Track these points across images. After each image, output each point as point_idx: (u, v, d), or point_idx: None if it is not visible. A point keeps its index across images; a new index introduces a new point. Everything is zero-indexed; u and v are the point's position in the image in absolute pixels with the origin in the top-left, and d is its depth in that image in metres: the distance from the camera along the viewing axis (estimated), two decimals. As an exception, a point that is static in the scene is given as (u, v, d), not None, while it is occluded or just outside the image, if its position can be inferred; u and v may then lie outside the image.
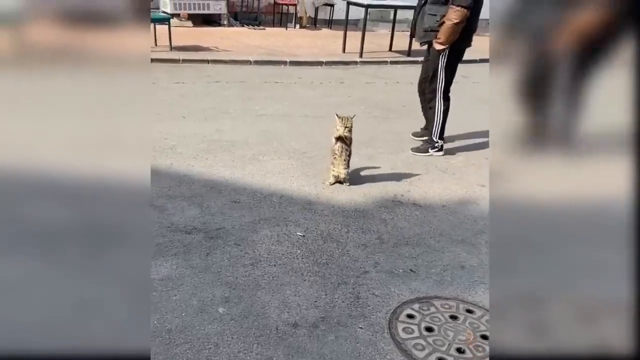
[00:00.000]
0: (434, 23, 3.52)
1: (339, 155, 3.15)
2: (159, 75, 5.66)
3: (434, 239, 2.68)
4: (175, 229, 2.56)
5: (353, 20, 8.69)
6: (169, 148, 3.61)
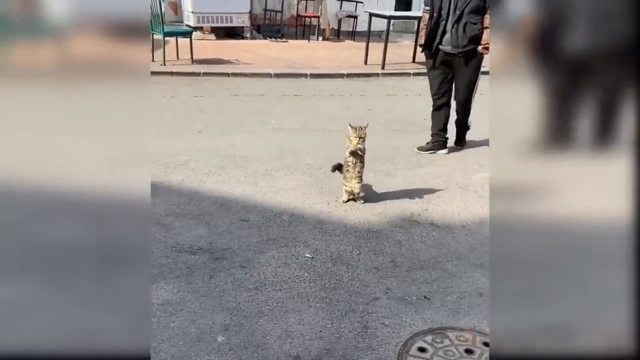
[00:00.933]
0: (476, 31, 3.66)
1: (352, 167, 3.04)
2: (178, 89, 5.68)
3: (451, 262, 2.52)
4: (181, 249, 2.49)
5: (377, 32, 8.60)
6: (182, 164, 3.56)
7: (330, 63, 7.57)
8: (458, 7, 3.65)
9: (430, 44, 3.86)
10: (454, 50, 3.77)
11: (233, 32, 9.09)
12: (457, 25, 3.69)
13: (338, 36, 9.92)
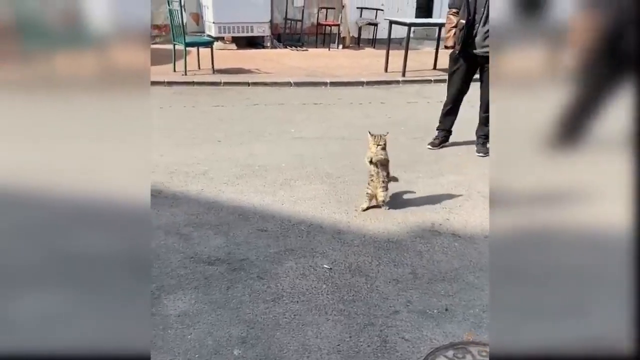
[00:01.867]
0: None
1: (376, 176, 3.04)
2: (199, 99, 5.74)
3: (474, 274, 2.45)
4: (199, 259, 2.48)
5: (397, 39, 8.56)
6: (202, 173, 3.58)
7: (351, 71, 7.55)
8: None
9: (464, 46, 3.84)
10: (483, 52, 3.79)
11: (254, 42, 9.17)
12: (483, 28, 3.73)
13: (358, 44, 9.91)
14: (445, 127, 4.35)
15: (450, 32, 3.93)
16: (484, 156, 4.14)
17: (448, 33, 3.96)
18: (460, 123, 4.43)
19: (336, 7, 9.67)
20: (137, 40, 1.52)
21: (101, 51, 1.51)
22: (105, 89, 1.55)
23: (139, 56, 1.54)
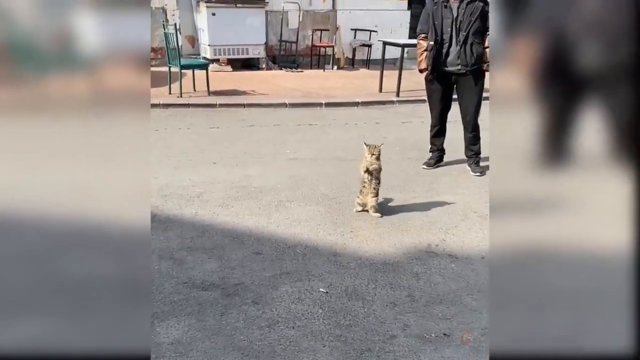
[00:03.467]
0: (481, 50, 3.89)
1: (368, 184, 3.24)
2: (194, 121, 5.75)
3: (471, 296, 2.42)
4: (192, 284, 2.45)
5: (391, 60, 8.65)
6: (196, 196, 3.56)
7: (345, 92, 7.61)
8: (463, 29, 3.86)
9: (435, 66, 3.99)
10: (463, 69, 3.94)
11: (249, 63, 9.24)
12: (464, 46, 3.88)
13: (353, 65, 10.00)
14: (438, 147, 4.40)
15: (422, 56, 4.07)
16: (481, 175, 4.15)
17: (420, 57, 4.10)
18: (453, 142, 4.45)
19: (330, 29, 9.80)
20: (132, 62, 1.52)
21: (93, 73, 1.51)
22: (101, 111, 1.55)
23: (133, 78, 1.54)
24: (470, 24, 3.81)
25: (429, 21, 3.97)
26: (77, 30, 1.46)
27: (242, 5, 8.62)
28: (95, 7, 1.45)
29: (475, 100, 4.09)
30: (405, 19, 10.27)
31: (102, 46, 1.49)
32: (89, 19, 1.47)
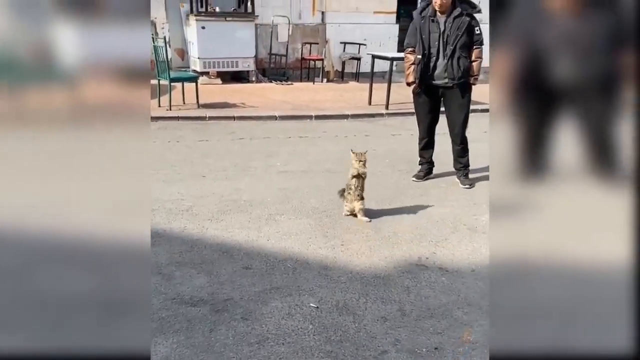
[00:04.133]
0: (467, 64, 3.94)
1: (354, 189, 3.37)
2: (183, 134, 5.72)
3: (462, 309, 2.41)
4: (181, 300, 2.41)
5: (380, 73, 8.73)
6: (185, 210, 3.52)
7: (335, 104, 7.64)
8: (450, 43, 3.90)
9: (423, 80, 4.04)
10: (450, 82, 3.98)
11: (239, 76, 9.26)
12: (451, 60, 3.92)
13: (342, 78, 10.07)
14: (427, 159, 4.42)
15: (409, 69, 4.11)
16: (470, 187, 4.17)
17: (407, 70, 4.15)
18: (441, 155, 4.48)
19: (320, 42, 9.88)
20: (114, 75, 1.51)
21: (73, 86, 1.50)
22: (76, 124, 1.53)
23: (116, 91, 1.53)
24: (457, 38, 3.85)
25: (416, 35, 4.00)
26: (57, 43, 1.45)
27: (231, 19, 8.67)
28: (75, 21, 1.45)
29: (463, 113, 4.12)
30: (394, 32, 10.39)
31: (82, 59, 1.49)
32: (69, 32, 1.46)
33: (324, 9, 9.84)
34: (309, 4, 9.77)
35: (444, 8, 3.85)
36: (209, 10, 8.60)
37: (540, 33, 1.59)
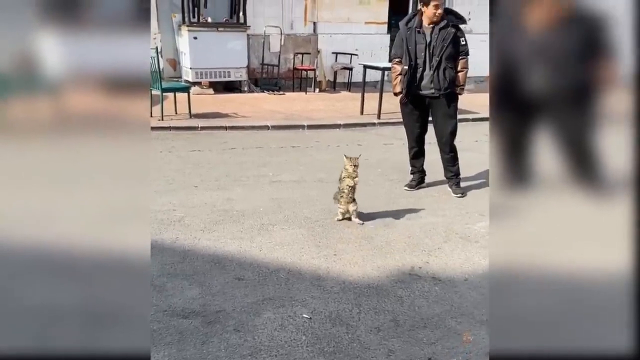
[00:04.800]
0: (453, 74, 4.00)
1: (347, 193, 3.50)
2: (175, 144, 5.70)
3: (455, 319, 2.41)
4: (172, 312, 2.38)
5: (372, 82, 8.77)
6: (177, 220, 3.50)
7: (327, 114, 7.66)
8: (436, 54, 3.95)
9: (409, 90, 4.09)
10: (437, 92, 4.04)
11: (231, 86, 9.27)
12: (437, 70, 3.97)
13: (334, 87, 10.12)
14: (418, 168, 4.43)
15: (396, 80, 4.13)
16: (462, 196, 4.19)
17: (395, 81, 4.17)
18: (433, 164, 4.49)
19: (312, 52, 9.92)
20: (93, 85, 1.50)
21: (56, 96, 1.49)
22: (61, 134, 1.52)
23: (106, 100, 1.52)
24: (443, 49, 3.90)
25: (402, 46, 4.04)
26: (41, 53, 1.45)
27: (223, 29, 8.69)
28: (59, 30, 1.44)
29: (450, 122, 4.16)
30: (385, 42, 10.47)
31: (67, 69, 1.48)
32: (53, 42, 1.46)
33: (316, 19, 9.90)
34: (300, 14, 9.83)
35: (439, 20, 3.88)
36: (201, 21, 8.62)
37: (516, 45, 1.62)
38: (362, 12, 10.16)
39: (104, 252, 1.48)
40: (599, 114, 1.53)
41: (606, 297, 1.41)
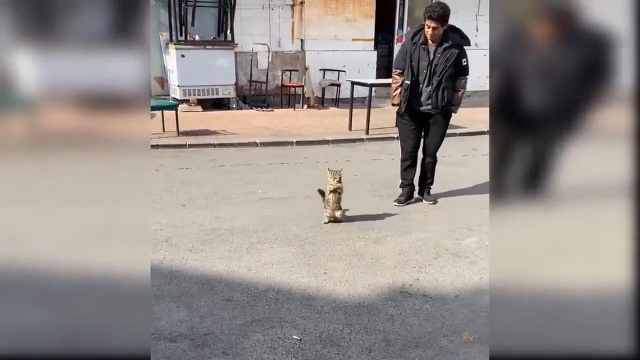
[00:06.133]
0: (452, 94, 4.08)
1: (332, 200, 3.81)
2: (163, 162, 5.66)
3: (447, 337, 2.39)
4: (159, 336, 2.33)
5: (360, 98, 8.82)
6: (164, 240, 3.45)
7: (316, 130, 7.68)
8: (437, 74, 4.00)
9: (408, 103, 4.14)
10: (434, 111, 4.12)
11: (219, 103, 9.26)
12: (437, 90, 4.03)
13: (322, 104, 10.16)
14: (408, 181, 4.45)
15: (396, 91, 4.19)
16: (434, 203, 4.36)
17: (394, 92, 4.22)
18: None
19: (299, 69, 9.98)
20: (71, 103, 1.48)
21: (31, 114, 1.47)
22: (36, 152, 1.50)
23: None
24: (445, 69, 3.95)
25: (405, 59, 4.07)
26: (17, 71, 1.43)
27: (211, 47, 8.71)
28: (36, 48, 1.42)
29: (439, 136, 4.29)
30: (372, 58, 10.57)
31: (43, 87, 1.46)
32: (30, 60, 1.44)
33: (303, 36, 9.98)
34: (288, 32, 9.90)
35: (434, 38, 3.92)
36: (188, 39, 8.65)
37: (518, 59, 1.63)
38: (349, 29, 10.27)
39: (78, 272, 1.44)
40: (580, 131, 1.54)
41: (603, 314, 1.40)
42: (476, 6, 10.86)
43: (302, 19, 9.86)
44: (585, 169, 1.54)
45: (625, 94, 1.43)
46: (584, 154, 1.54)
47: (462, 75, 4.04)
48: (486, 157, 6.12)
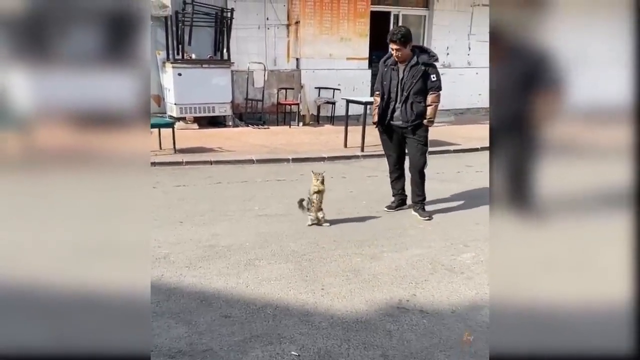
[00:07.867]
0: (422, 108, 4.32)
1: (315, 201, 4.17)
2: (160, 179, 5.68)
3: (444, 352, 2.41)
4: (159, 353, 2.34)
5: (354, 116, 8.93)
6: (162, 257, 3.46)
7: (311, 147, 7.74)
8: (405, 90, 4.33)
9: (382, 120, 4.50)
10: (404, 124, 4.42)
11: (216, 121, 9.33)
12: (405, 104, 4.36)
13: (318, 121, 10.26)
14: (398, 191, 4.76)
15: (375, 111, 4.60)
16: (429, 219, 4.43)
17: (374, 112, 4.63)
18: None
19: (295, 87, 10.10)
20: (64, 121, 1.51)
21: (25, 132, 1.49)
22: (30, 170, 1.52)
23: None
24: (412, 85, 4.26)
25: (380, 81, 4.49)
26: (10, 89, 1.46)
27: (208, 66, 8.81)
28: (30, 67, 1.46)
29: (418, 150, 4.46)
30: (366, 77, 10.71)
31: (40, 106, 1.49)
32: (24, 78, 1.47)
33: (299, 55, 10.12)
34: (283, 51, 10.04)
35: (402, 59, 4.28)
36: (185, 58, 8.75)
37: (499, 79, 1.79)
38: (344, 48, 10.43)
39: (78, 289, 1.47)
40: (541, 143, 1.66)
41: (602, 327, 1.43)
42: (468, 26, 11.09)
43: (298, 38, 10.01)
44: (567, 182, 1.62)
45: (578, 112, 1.57)
46: (561, 168, 1.62)
47: (433, 90, 4.28)
48: (480, 173, 6.19)
